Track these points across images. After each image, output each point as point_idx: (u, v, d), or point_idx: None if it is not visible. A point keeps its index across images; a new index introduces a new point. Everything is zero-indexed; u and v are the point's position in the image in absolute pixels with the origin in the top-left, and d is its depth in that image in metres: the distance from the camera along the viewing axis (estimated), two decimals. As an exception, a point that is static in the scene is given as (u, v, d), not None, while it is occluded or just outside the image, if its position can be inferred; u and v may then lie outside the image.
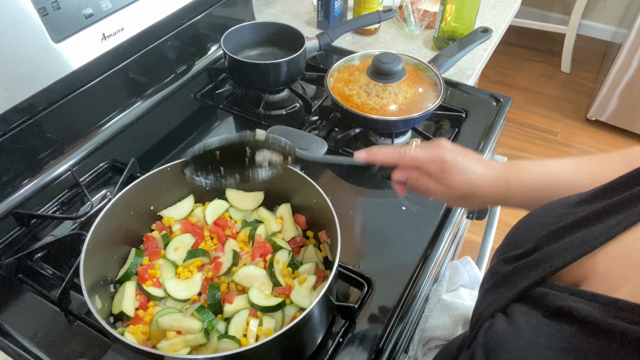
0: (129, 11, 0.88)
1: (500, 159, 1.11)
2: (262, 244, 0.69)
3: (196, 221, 0.74)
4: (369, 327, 0.68)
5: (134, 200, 0.69)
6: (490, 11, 1.39)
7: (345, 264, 0.74)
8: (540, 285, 0.40)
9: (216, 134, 1.01)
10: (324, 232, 0.70)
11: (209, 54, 1.18)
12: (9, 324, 0.69)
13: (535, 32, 2.98)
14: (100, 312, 0.59)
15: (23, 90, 0.76)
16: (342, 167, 0.93)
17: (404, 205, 0.85)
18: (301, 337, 0.61)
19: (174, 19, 1.02)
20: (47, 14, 0.75)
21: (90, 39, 0.83)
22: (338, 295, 0.73)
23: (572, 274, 0.39)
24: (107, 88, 0.94)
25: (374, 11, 1.22)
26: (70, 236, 0.77)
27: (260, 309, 0.61)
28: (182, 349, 0.59)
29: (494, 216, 1.21)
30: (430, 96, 0.93)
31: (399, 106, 0.91)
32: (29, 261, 0.76)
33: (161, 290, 0.65)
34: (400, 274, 0.74)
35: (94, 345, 0.66)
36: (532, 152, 2.45)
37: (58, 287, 0.69)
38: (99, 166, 0.91)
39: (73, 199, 0.87)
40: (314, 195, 0.67)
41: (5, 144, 0.79)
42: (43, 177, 0.87)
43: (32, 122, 0.82)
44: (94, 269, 0.61)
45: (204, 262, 0.69)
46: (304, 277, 0.66)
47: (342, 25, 1.15)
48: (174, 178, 0.72)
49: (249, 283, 0.65)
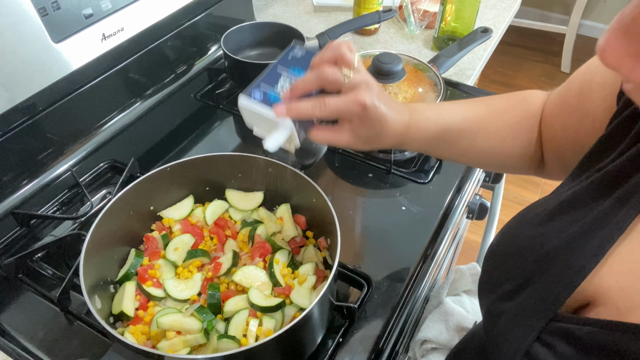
0: (129, 11, 0.88)
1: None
2: (261, 244, 0.69)
3: (196, 221, 0.74)
4: (369, 327, 0.68)
5: (134, 200, 0.69)
6: (490, 11, 1.39)
7: (345, 264, 0.74)
8: (554, 320, 0.39)
9: (216, 134, 1.01)
10: (322, 238, 0.70)
11: (209, 54, 1.18)
12: (9, 324, 0.69)
13: (535, 32, 2.98)
14: (100, 312, 0.59)
15: (23, 90, 0.76)
16: (342, 167, 0.93)
17: (404, 205, 0.85)
18: (301, 337, 0.61)
19: (174, 19, 1.02)
20: (47, 14, 0.75)
21: (90, 39, 0.83)
22: (338, 295, 0.73)
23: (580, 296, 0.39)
24: (107, 88, 0.94)
25: (374, 11, 1.22)
26: (70, 236, 0.77)
27: (260, 309, 0.61)
28: (182, 349, 0.59)
29: (494, 216, 1.21)
30: (430, 96, 0.93)
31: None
32: (29, 261, 0.76)
33: (161, 291, 0.65)
34: (400, 274, 0.74)
35: (94, 345, 0.66)
36: (532, 152, 2.45)
37: (58, 287, 0.69)
38: (99, 166, 0.91)
39: (73, 199, 0.87)
40: (313, 196, 0.67)
41: (5, 144, 0.79)
42: (43, 177, 0.87)
43: (32, 122, 0.82)
44: (94, 269, 0.61)
45: (203, 263, 0.69)
46: (303, 277, 0.66)
47: (342, 25, 1.15)
48: (174, 178, 0.72)
49: (249, 283, 0.65)
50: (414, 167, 0.93)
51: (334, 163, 0.94)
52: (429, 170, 0.92)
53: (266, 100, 0.55)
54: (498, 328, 0.44)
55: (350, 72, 0.52)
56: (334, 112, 0.53)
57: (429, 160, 0.94)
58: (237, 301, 0.63)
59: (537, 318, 0.40)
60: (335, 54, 0.53)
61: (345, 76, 0.52)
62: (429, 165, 0.93)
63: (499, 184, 1.17)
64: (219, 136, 1.01)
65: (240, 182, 0.76)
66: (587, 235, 0.40)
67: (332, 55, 0.53)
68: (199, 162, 0.72)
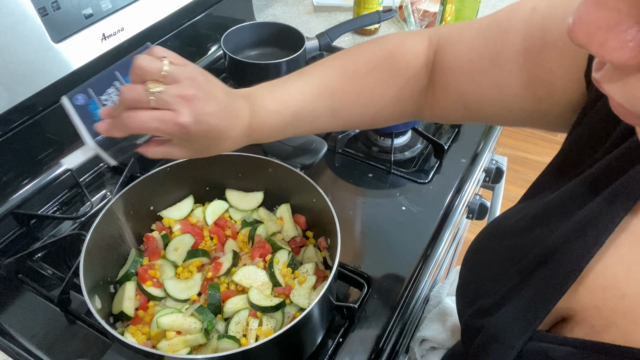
0: (129, 11, 0.88)
1: (500, 160, 1.11)
2: (262, 244, 0.69)
3: (196, 221, 0.74)
4: (369, 327, 0.68)
5: (134, 200, 0.69)
6: (490, 11, 1.39)
7: (345, 264, 0.74)
8: (533, 339, 0.38)
9: (216, 134, 1.01)
10: (322, 238, 0.70)
11: (209, 54, 1.18)
12: (9, 324, 0.69)
13: (535, 32, 2.98)
14: (100, 312, 0.59)
15: (23, 90, 0.76)
16: (342, 167, 0.93)
17: (404, 205, 0.85)
18: (301, 337, 0.61)
19: (174, 19, 1.02)
20: (47, 14, 0.74)
21: (90, 39, 0.83)
22: (338, 295, 0.73)
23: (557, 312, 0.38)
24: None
25: (374, 11, 1.22)
26: (70, 236, 0.77)
27: (260, 309, 0.61)
28: (182, 349, 0.59)
29: (494, 216, 1.21)
30: (430, 96, 0.93)
31: (399, 106, 0.91)
32: (29, 261, 0.76)
33: (161, 291, 0.65)
34: (400, 274, 0.74)
35: (94, 345, 0.66)
36: (532, 152, 2.45)
37: (58, 287, 0.69)
38: (99, 166, 0.91)
39: (73, 199, 0.87)
40: (313, 196, 0.67)
41: (5, 144, 0.79)
42: (43, 177, 0.87)
43: (32, 122, 0.81)
44: (94, 269, 0.61)
45: (203, 263, 0.69)
46: (303, 277, 0.66)
47: (342, 25, 1.15)
48: (174, 178, 0.72)
49: (249, 283, 0.65)
50: (414, 167, 0.93)
51: (334, 163, 0.94)
52: (429, 170, 0.92)
53: (83, 111, 0.50)
54: (478, 343, 0.43)
55: (157, 86, 0.44)
56: (149, 132, 0.47)
57: (429, 160, 0.94)
58: (237, 301, 0.63)
59: (516, 336, 0.39)
60: (136, 70, 0.45)
61: (150, 93, 0.44)
62: (429, 165, 0.93)
63: (499, 184, 1.17)
64: (219, 136, 1.01)
65: (240, 182, 0.76)
66: (566, 249, 0.38)
67: (136, 73, 0.45)
68: (199, 162, 0.72)
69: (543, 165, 0.49)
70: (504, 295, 0.42)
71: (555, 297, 0.38)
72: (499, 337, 0.41)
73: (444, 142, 0.93)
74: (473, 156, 0.95)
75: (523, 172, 2.35)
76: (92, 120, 0.51)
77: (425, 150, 0.97)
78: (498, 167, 1.08)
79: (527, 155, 2.44)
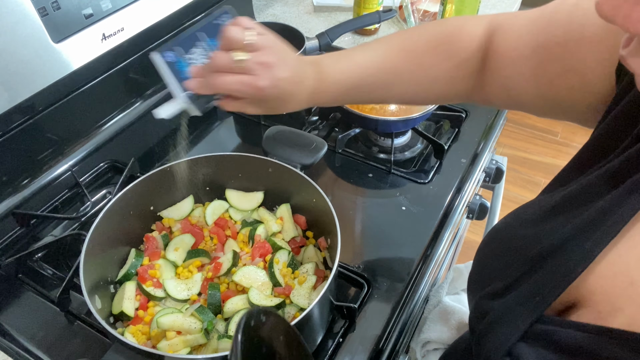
0: (129, 11, 0.88)
1: (500, 160, 1.11)
2: (262, 244, 0.69)
3: (196, 221, 0.74)
4: (369, 327, 0.68)
5: (134, 200, 0.69)
6: (490, 11, 1.39)
7: (345, 264, 0.74)
8: (539, 322, 0.39)
9: (216, 134, 1.01)
10: (322, 238, 0.70)
11: (209, 54, 1.18)
12: (9, 324, 0.69)
13: (535, 32, 2.98)
14: (100, 312, 0.59)
15: (23, 90, 0.76)
16: (342, 167, 0.93)
17: (404, 205, 0.85)
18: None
19: (174, 19, 1.02)
20: (47, 14, 0.75)
21: (90, 39, 0.83)
22: (338, 295, 0.73)
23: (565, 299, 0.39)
24: (107, 88, 0.94)
25: (374, 11, 1.22)
26: (70, 236, 0.77)
27: (260, 309, 0.61)
28: (182, 349, 0.59)
29: (494, 216, 1.21)
30: (430, 96, 0.93)
31: (398, 106, 0.91)
32: (29, 261, 0.76)
33: (161, 291, 0.65)
34: (400, 274, 0.74)
35: (94, 345, 0.66)
36: (532, 152, 2.45)
37: (58, 287, 0.69)
38: (98, 166, 0.91)
39: (73, 199, 0.87)
40: (314, 196, 0.67)
41: (5, 144, 0.79)
42: (43, 177, 0.87)
43: (32, 122, 0.81)
44: (94, 269, 0.61)
45: (203, 263, 0.69)
46: (303, 277, 0.66)
47: (342, 25, 1.15)
48: (174, 178, 0.72)
49: (249, 283, 0.65)
50: (414, 167, 0.93)
51: (334, 163, 0.94)
52: (429, 170, 0.92)
53: (172, 66, 0.56)
54: (483, 326, 0.44)
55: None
56: (232, 92, 0.54)
57: (429, 160, 0.94)
58: (237, 301, 0.63)
59: (523, 318, 0.40)
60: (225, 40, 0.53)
61: (236, 60, 0.52)
62: (429, 165, 0.93)
63: (499, 184, 1.17)
64: (219, 136, 1.01)
65: (240, 182, 0.76)
66: (580, 237, 0.39)
67: (225, 42, 0.53)
68: (199, 162, 0.72)
69: (543, 165, 0.49)
70: (515, 280, 0.43)
71: (564, 283, 0.38)
72: (505, 319, 0.41)
73: (444, 142, 0.93)
74: (473, 156, 0.95)
75: (523, 172, 2.35)
76: (179, 76, 0.57)
77: (425, 150, 0.97)
78: (498, 167, 1.08)
79: (527, 155, 2.44)
